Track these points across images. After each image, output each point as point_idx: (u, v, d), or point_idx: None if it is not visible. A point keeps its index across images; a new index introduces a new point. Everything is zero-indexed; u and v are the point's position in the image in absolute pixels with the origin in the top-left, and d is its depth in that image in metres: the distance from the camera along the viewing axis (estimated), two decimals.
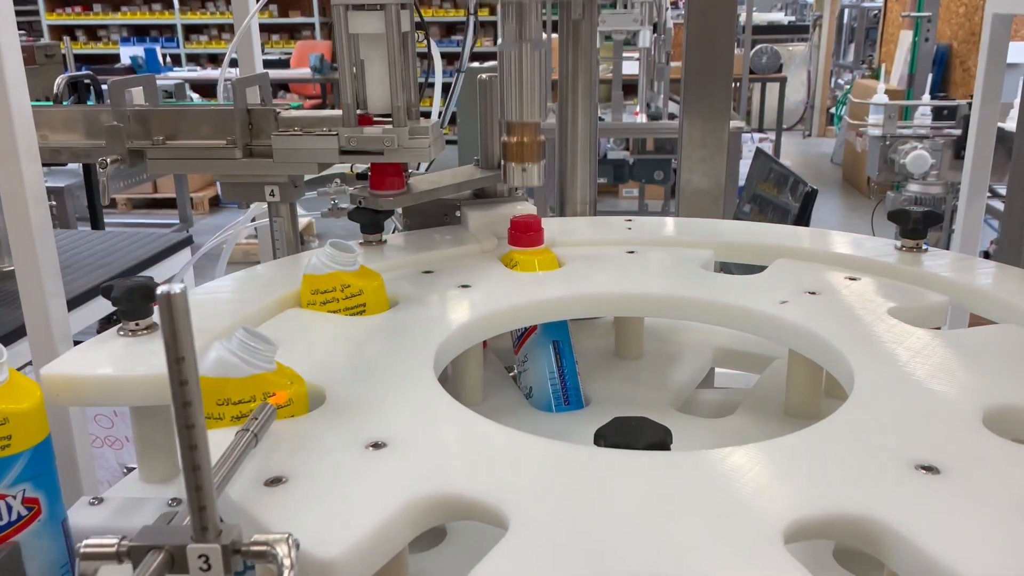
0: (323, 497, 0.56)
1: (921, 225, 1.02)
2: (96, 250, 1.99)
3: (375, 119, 1.06)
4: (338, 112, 1.04)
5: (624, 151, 6.03)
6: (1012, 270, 0.97)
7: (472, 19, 1.29)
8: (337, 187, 1.36)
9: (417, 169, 1.66)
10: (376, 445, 0.62)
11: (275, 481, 0.58)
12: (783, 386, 0.95)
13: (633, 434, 0.64)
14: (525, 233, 1.04)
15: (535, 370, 0.99)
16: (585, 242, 1.13)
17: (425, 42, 1.31)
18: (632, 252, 1.08)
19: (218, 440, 0.56)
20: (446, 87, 1.35)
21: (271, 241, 1.12)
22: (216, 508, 0.46)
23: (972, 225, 2.57)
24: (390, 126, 1.03)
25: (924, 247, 1.03)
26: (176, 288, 0.43)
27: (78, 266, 1.86)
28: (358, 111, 1.06)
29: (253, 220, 1.37)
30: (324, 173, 1.14)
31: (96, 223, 3.57)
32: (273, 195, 1.08)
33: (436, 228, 1.19)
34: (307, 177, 1.13)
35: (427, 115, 1.14)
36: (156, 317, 0.82)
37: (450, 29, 9.02)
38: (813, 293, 0.92)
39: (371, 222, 1.09)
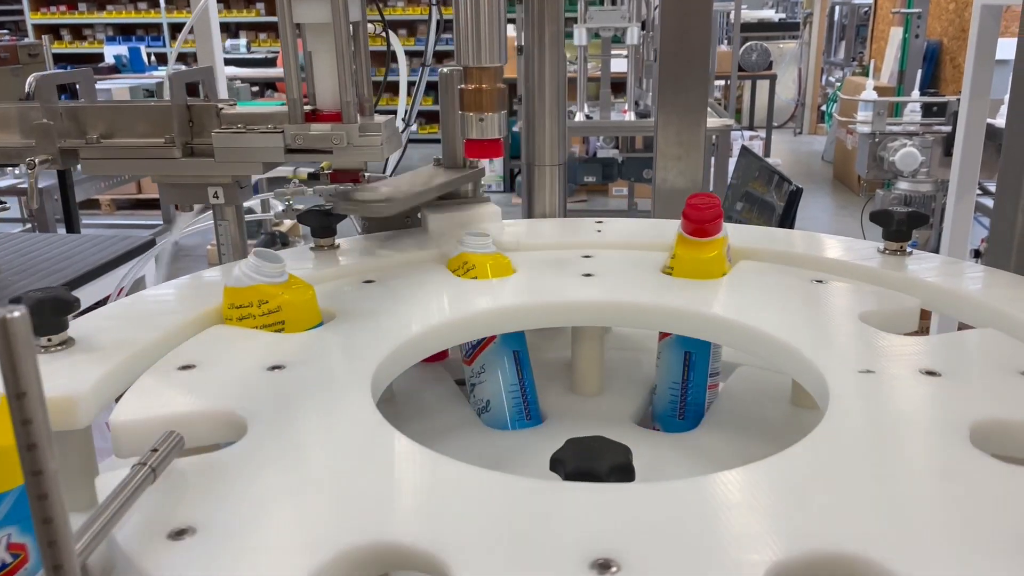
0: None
1: (905, 227, 0.96)
2: (54, 254, 1.92)
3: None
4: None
5: (614, 149, 5.98)
6: (999, 274, 0.91)
7: (434, 8, 1.22)
8: (295, 188, 1.30)
9: (384, 171, 1.60)
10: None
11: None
12: (750, 393, 0.89)
13: (593, 457, 0.57)
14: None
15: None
16: (542, 246, 1.07)
17: (384, 37, 1.25)
18: (588, 256, 1.01)
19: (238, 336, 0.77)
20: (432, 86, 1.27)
21: (217, 246, 1.05)
22: (76, 567, 0.39)
23: (961, 223, 2.52)
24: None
25: (909, 250, 0.96)
26: (15, 312, 0.36)
27: (33, 271, 1.79)
28: (310, 108, 1.00)
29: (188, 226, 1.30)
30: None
31: (70, 225, 3.49)
32: (216, 197, 1.02)
33: (396, 232, 1.12)
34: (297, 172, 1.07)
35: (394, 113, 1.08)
36: (72, 331, 0.75)
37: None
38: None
39: (322, 225, 1.02)
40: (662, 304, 0.87)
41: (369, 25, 1.25)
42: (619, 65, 5.47)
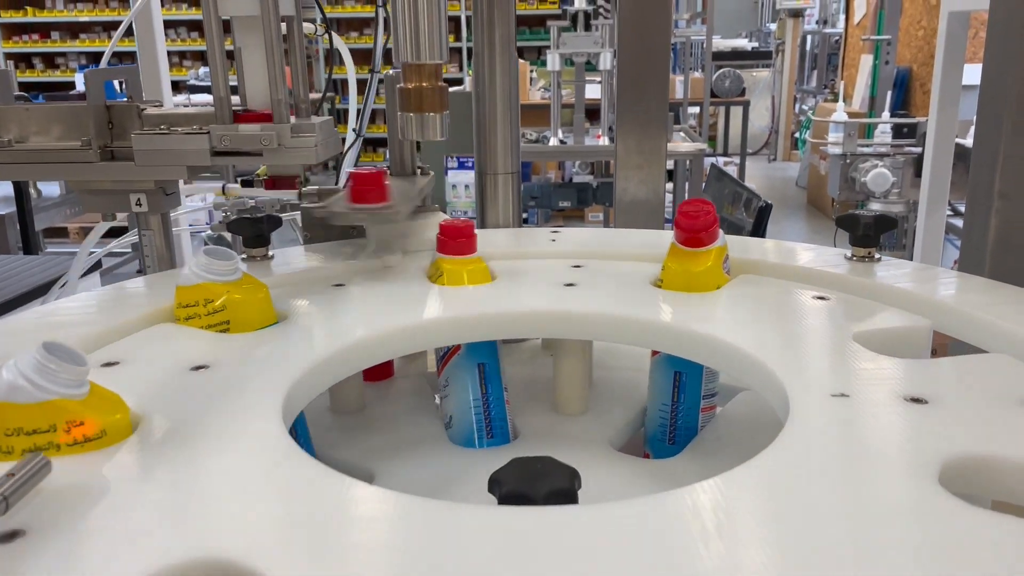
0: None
1: (872, 231, 0.90)
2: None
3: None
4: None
5: (589, 175, 5.97)
6: (975, 279, 0.86)
7: (381, 11, 1.17)
8: (236, 200, 1.23)
9: (336, 183, 1.53)
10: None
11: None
12: (747, 420, 0.82)
13: (533, 480, 0.51)
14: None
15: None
16: (513, 255, 1.00)
17: (328, 37, 1.19)
18: (579, 266, 0.95)
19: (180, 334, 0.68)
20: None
21: (140, 258, 0.98)
22: None
23: (932, 242, 2.49)
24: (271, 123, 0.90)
25: (877, 256, 0.91)
26: None
27: None
28: (240, 108, 0.94)
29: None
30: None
31: (28, 247, 3.39)
32: (139, 204, 0.94)
33: (339, 242, 1.05)
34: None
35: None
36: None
37: None
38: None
39: (255, 234, 0.95)
40: (628, 316, 0.80)
41: (311, 25, 1.19)
42: (593, 91, 5.47)
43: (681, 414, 0.86)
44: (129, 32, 1.62)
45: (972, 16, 2.15)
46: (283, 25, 0.91)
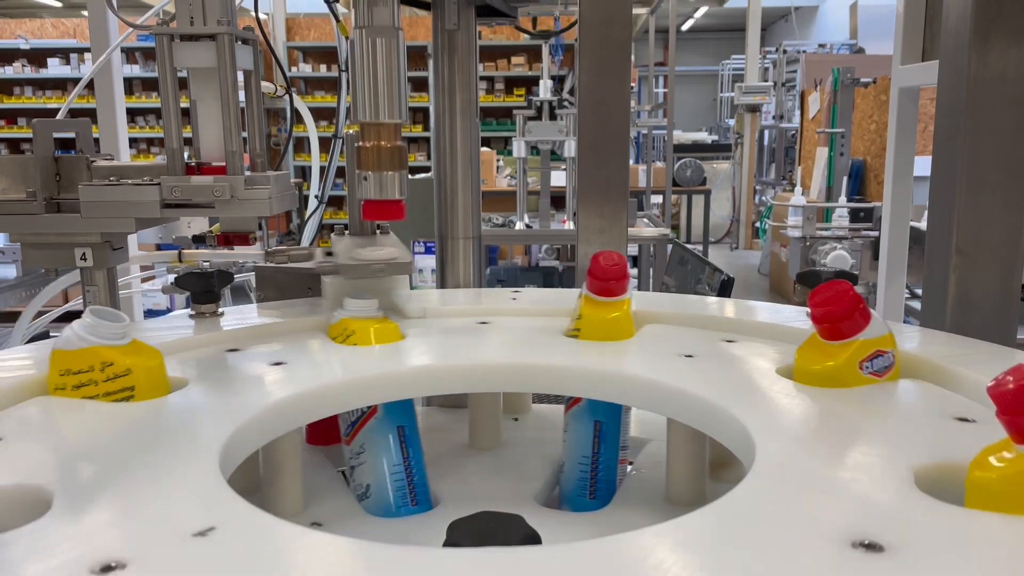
0: None
1: None
2: None
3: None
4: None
5: (555, 260, 6.02)
6: (925, 331, 0.85)
7: (345, 76, 1.17)
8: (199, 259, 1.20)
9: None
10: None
11: None
12: (662, 469, 0.80)
13: (494, 532, 0.47)
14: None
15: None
16: (452, 313, 0.98)
17: (287, 97, 1.19)
18: (485, 323, 0.93)
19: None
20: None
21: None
22: None
23: (891, 318, 2.51)
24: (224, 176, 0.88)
25: None
26: None
27: None
28: (194, 162, 0.92)
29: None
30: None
31: None
32: (84, 259, 0.91)
33: (291, 300, 1.02)
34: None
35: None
36: None
37: None
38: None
39: (203, 290, 0.92)
40: (565, 365, 0.78)
41: (271, 85, 1.19)
42: (558, 178, 5.57)
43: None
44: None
45: (921, 110, 2.23)
46: (240, 79, 0.90)
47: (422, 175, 4.40)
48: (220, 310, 0.94)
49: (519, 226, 4.76)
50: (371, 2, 0.82)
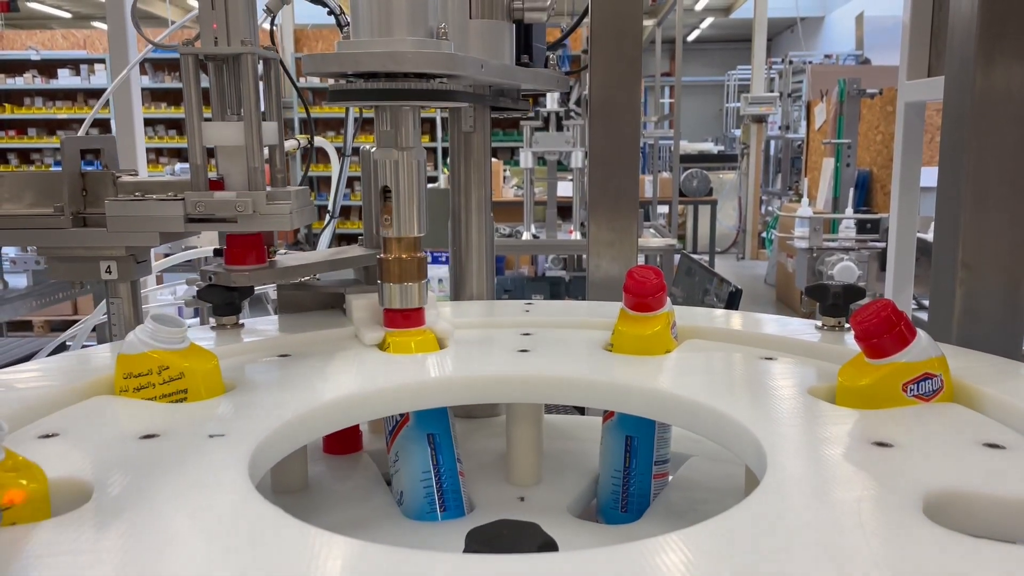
0: None
1: (841, 301, 0.91)
2: None
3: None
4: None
5: (562, 270, 6.04)
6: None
7: (350, 113, 1.20)
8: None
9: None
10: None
11: None
12: (701, 485, 0.81)
13: (513, 542, 0.49)
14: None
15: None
16: (477, 324, 1.00)
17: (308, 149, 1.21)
18: (528, 334, 0.95)
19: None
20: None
21: (107, 327, 0.96)
22: None
23: None
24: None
25: (847, 325, 0.92)
26: None
27: None
28: (216, 177, 0.94)
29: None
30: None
31: None
32: (109, 272, 0.93)
33: (311, 313, 1.04)
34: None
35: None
36: None
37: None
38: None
39: (224, 302, 0.94)
40: (590, 378, 0.80)
41: (295, 141, 1.22)
42: (565, 189, 5.60)
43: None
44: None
45: (928, 122, 2.25)
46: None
47: (431, 185, 4.42)
48: (240, 321, 0.96)
49: (526, 236, 4.78)
50: (394, 122, 0.86)
